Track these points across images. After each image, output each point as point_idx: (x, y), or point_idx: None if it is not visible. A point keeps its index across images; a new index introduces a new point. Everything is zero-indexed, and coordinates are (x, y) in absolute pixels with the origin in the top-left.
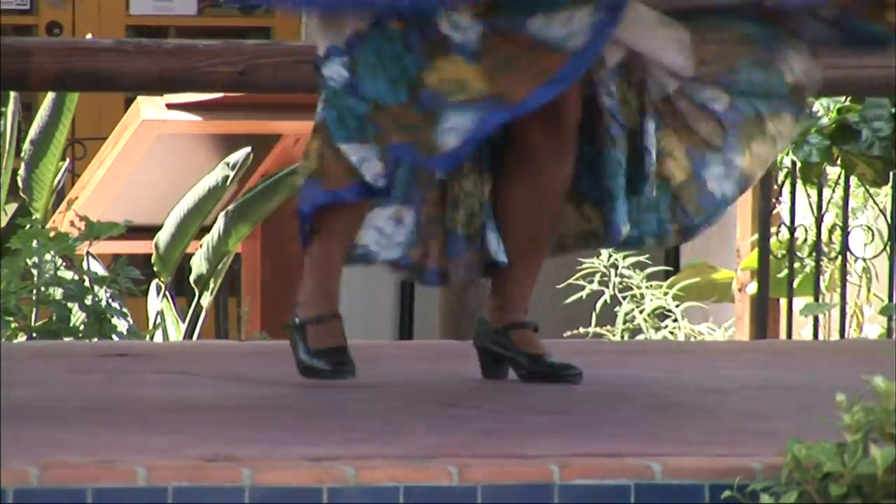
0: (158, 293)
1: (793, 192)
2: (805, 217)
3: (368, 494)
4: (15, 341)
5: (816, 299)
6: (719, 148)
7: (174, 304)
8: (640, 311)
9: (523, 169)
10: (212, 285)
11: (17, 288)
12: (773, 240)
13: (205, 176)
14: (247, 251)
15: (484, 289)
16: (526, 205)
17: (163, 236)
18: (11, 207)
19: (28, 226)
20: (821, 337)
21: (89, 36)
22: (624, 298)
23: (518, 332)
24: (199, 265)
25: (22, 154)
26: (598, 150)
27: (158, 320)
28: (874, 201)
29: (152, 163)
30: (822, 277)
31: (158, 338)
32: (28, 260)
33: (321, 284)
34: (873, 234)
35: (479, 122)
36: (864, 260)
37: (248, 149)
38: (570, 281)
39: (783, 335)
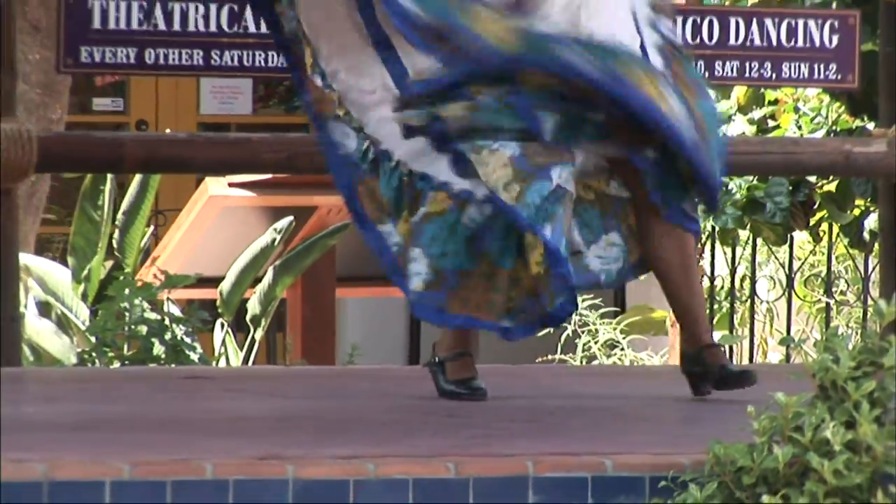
0: (222, 329)
1: (713, 250)
2: (722, 269)
3: (385, 485)
4: (112, 367)
5: (731, 332)
6: None
7: (234, 338)
8: (595, 342)
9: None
10: (263, 323)
11: (113, 326)
12: None
13: (258, 239)
14: (291, 297)
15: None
16: (672, 253)
17: (225, 285)
18: (109, 264)
19: (121, 278)
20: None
21: (168, 130)
22: (582, 332)
23: (711, 351)
24: (253, 307)
25: (116, 222)
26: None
27: (222, 351)
28: (776, 257)
29: (217, 228)
30: (735, 316)
31: (222, 364)
32: (121, 304)
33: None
34: (775, 283)
35: None
36: (768, 302)
37: (292, 217)
38: None
39: None
